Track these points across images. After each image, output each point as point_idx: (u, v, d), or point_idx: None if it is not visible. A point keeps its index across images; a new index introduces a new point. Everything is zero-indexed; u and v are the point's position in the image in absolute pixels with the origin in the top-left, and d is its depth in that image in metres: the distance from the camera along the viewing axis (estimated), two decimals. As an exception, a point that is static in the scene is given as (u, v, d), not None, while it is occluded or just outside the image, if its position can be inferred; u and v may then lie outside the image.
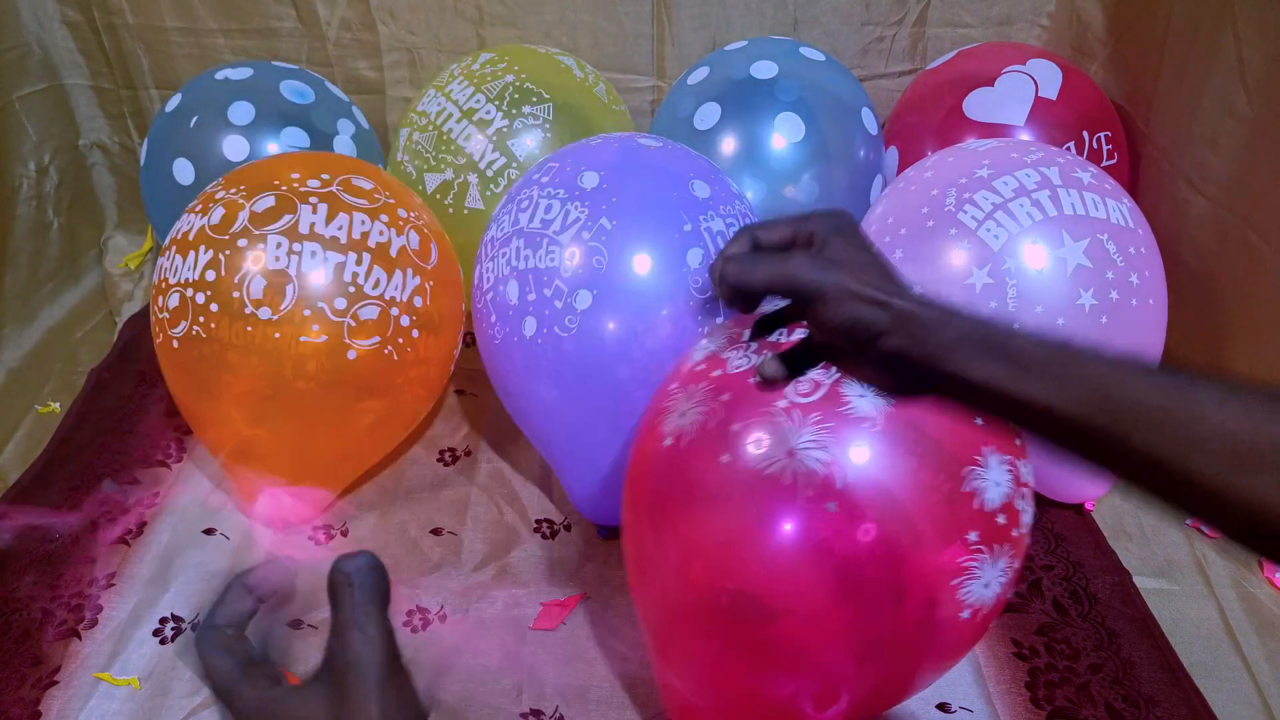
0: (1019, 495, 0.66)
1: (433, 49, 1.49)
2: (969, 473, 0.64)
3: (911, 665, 0.68)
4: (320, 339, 0.87)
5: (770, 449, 0.63)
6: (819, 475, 0.61)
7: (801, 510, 0.62)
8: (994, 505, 0.64)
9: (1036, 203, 0.90)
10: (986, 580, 0.64)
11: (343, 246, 0.88)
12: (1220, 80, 1.07)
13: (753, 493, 0.63)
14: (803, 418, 0.63)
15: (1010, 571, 0.66)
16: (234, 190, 0.92)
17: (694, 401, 0.69)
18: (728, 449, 0.65)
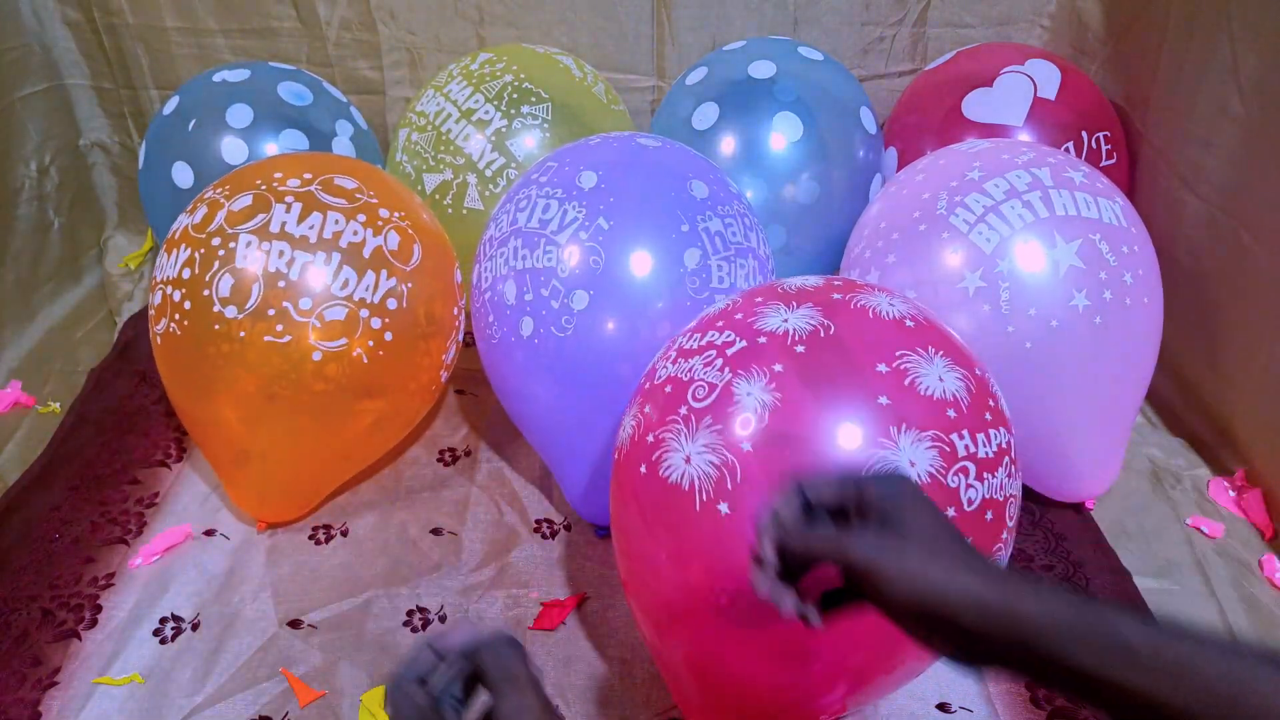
0: (954, 471, 0.61)
1: (433, 49, 1.49)
2: (872, 458, 0.60)
3: (865, 662, 0.66)
4: (284, 339, 0.87)
5: (670, 457, 0.65)
6: (713, 477, 0.62)
7: (699, 519, 0.63)
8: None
9: (1028, 204, 0.90)
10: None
11: (311, 246, 0.88)
12: (1215, 81, 1.07)
13: (657, 506, 0.65)
14: (696, 425, 0.64)
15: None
16: (221, 190, 0.92)
17: (630, 412, 0.72)
18: (644, 460, 0.67)
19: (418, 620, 0.90)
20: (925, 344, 0.65)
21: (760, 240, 0.94)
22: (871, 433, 0.60)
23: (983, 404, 0.65)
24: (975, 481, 0.62)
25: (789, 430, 0.61)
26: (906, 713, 0.81)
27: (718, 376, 0.64)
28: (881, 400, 0.61)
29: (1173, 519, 1.02)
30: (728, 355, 0.65)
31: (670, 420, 0.65)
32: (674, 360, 0.70)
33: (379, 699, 0.82)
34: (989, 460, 0.63)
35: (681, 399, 0.65)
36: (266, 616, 0.90)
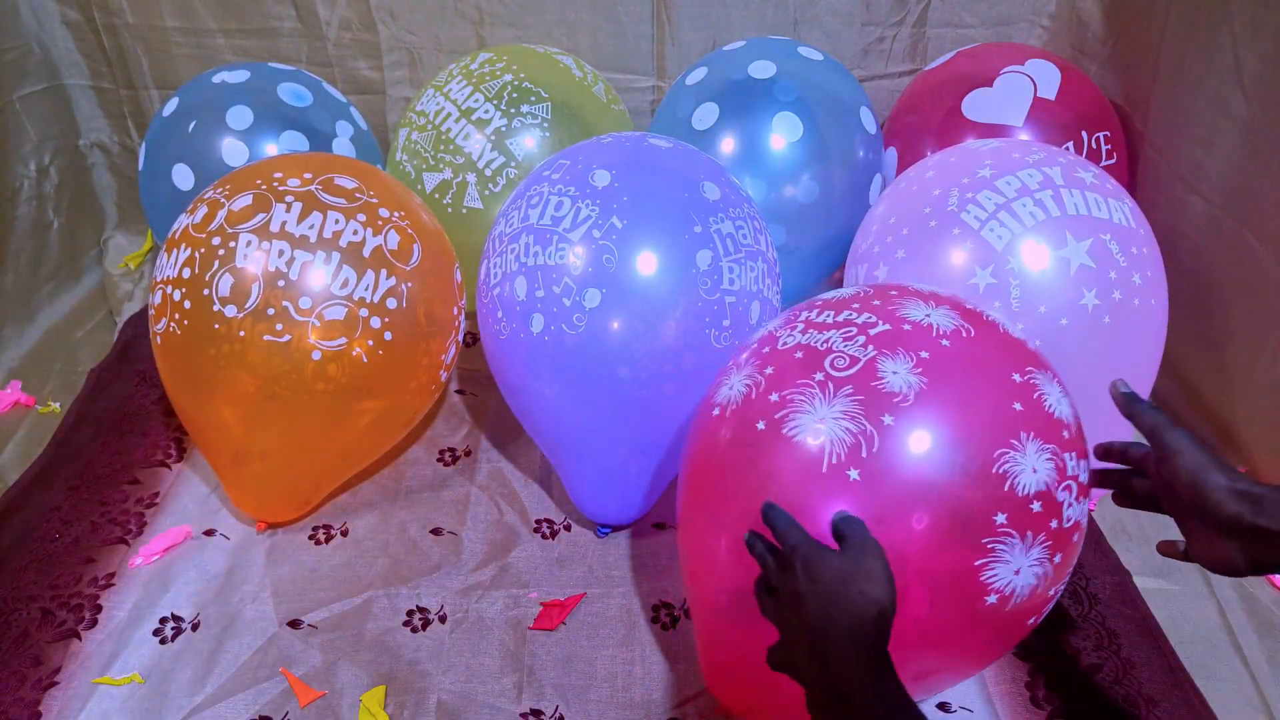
0: (1061, 487, 0.65)
1: (433, 49, 1.49)
2: (1001, 455, 0.63)
3: (936, 651, 0.67)
4: (284, 339, 0.87)
5: (799, 417, 0.66)
6: (847, 443, 0.63)
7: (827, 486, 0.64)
8: (1027, 491, 0.63)
9: (1039, 203, 0.90)
10: (1016, 566, 0.63)
11: (311, 246, 0.88)
12: (1217, 81, 1.07)
13: (773, 461, 0.66)
14: (835, 390, 0.65)
15: (1048, 565, 0.65)
16: (221, 190, 0.92)
17: (743, 373, 0.72)
18: (763, 417, 0.67)
19: (418, 620, 0.90)
20: (1045, 367, 0.70)
21: (768, 243, 0.95)
22: (1005, 433, 0.63)
23: (1080, 434, 0.69)
24: (1075, 501, 0.66)
25: (928, 416, 0.64)
26: (906, 713, 0.81)
27: (861, 351, 0.66)
28: (1016, 406, 0.65)
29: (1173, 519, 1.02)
30: (870, 334, 0.67)
31: (803, 384, 0.66)
32: (802, 331, 0.72)
33: (379, 699, 0.82)
34: (1083, 486, 0.68)
35: (817, 366, 0.67)
36: (266, 616, 0.90)
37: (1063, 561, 0.66)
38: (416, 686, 0.84)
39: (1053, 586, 0.67)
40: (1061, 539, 0.65)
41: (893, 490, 0.62)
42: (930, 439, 0.63)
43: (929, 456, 0.63)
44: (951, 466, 0.62)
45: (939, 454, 0.63)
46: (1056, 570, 0.66)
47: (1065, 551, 0.66)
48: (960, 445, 0.63)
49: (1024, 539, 0.63)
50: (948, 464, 0.62)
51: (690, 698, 0.83)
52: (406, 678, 0.85)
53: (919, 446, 0.62)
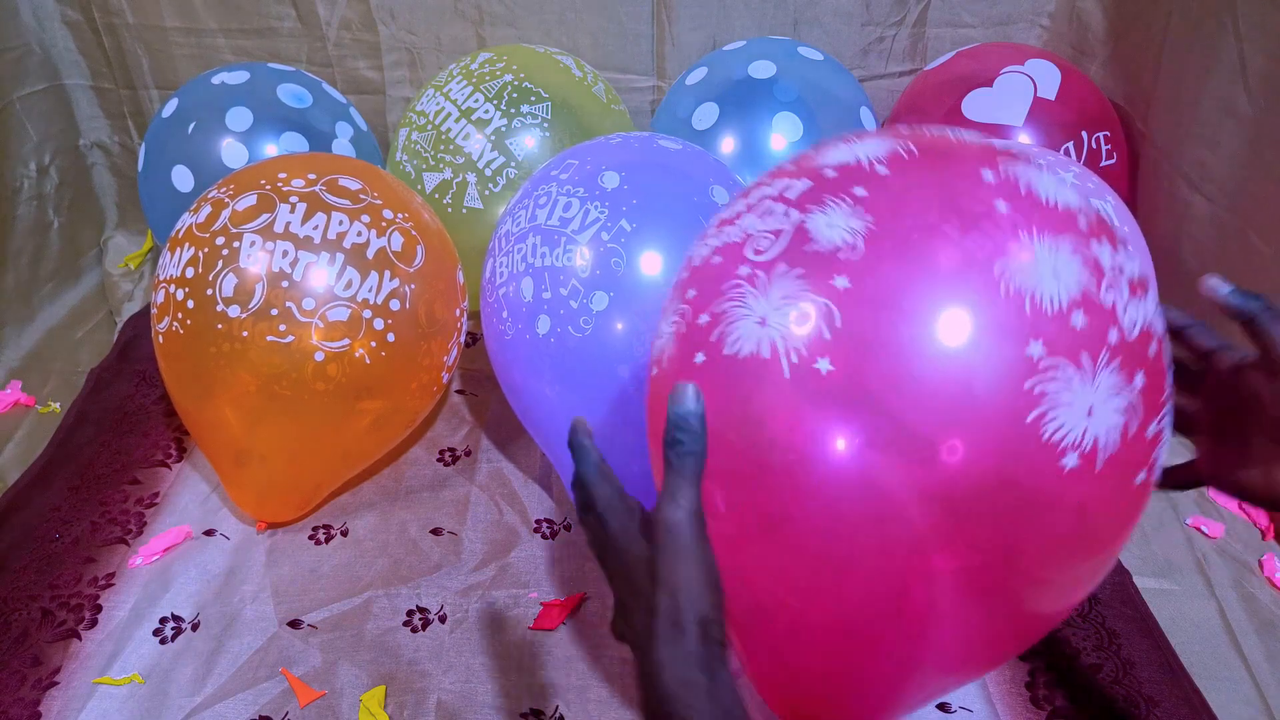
0: (1105, 286, 0.48)
1: (433, 49, 1.49)
2: (1002, 270, 0.47)
3: (1029, 548, 0.50)
4: (287, 339, 0.87)
5: (737, 326, 0.52)
6: (803, 335, 0.49)
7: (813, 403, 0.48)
8: (1057, 302, 0.47)
9: None
10: (1086, 404, 0.46)
11: (315, 247, 0.88)
12: (1221, 80, 1.07)
13: (739, 385, 0.51)
14: (767, 278, 0.51)
15: (1129, 392, 0.48)
16: (225, 189, 0.92)
17: (668, 314, 0.60)
18: (699, 347, 0.54)
19: (418, 620, 0.90)
20: (1027, 156, 0.53)
21: None
22: (998, 243, 0.48)
23: (1105, 221, 0.52)
24: (1134, 300, 0.49)
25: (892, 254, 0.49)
26: (907, 713, 0.81)
27: (783, 221, 0.52)
28: (1000, 206, 0.49)
29: (1173, 519, 1.02)
30: (789, 199, 0.53)
31: (729, 288, 0.53)
32: (715, 234, 0.58)
33: (379, 699, 0.82)
34: (1137, 282, 0.50)
35: (739, 260, 0.53)
36: (266, 616, 0.90)
37: (1149, 384, 0.49)
38: (416, 686, 0.84)
39: (1151, 421, 0.50)
40: (1133, 353, 0.48)
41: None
42: (912, 297, 0.48)
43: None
44: None
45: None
46: (1146, 398, 0.49)
47: (1147, 369, 0.49)
48: (942, 286, 0.48)
49: (1079, 364, 0.46)
50: None
51: (690, 698, 0.83)
52: (406, 678, 0.85)
53: (904, 303, 0.48)
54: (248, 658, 0.86)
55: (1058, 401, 0.46)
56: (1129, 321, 0.49)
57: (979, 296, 0.47)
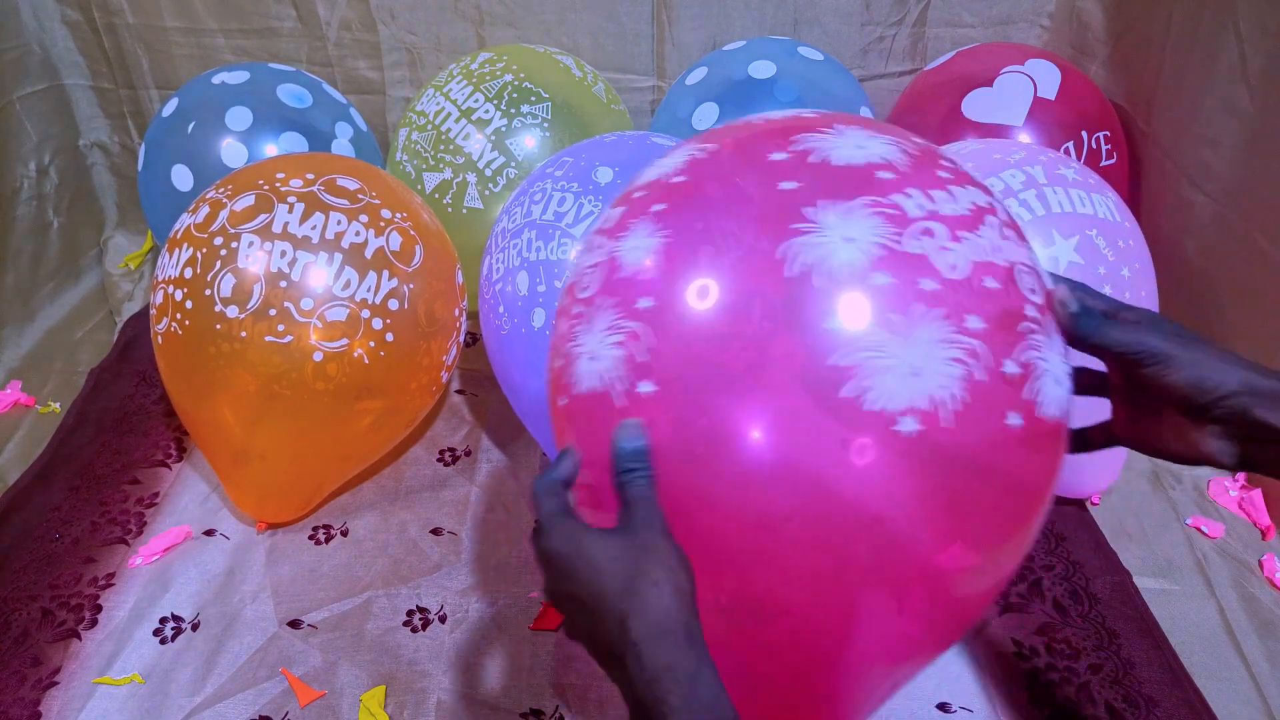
0: (914, 234, 0.47)
1: (433, 49, 1.49)
2: (786, 248, 0.46)
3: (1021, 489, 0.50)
4: (285, 340, 0.87)
5: (576, 367, 0.52)
6: (621, 358, 0.48)
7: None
8: (851, 267, 0.45)
9: (1024, 203, 0.90)
10: (908, 363, 0.44)
11: (314, 247, 0.88)
12: (1222, 80, 1.07)
13: (588, 423, 0.51)
14: (591, 313, 0.51)
15: (979, 334, 0.46)
16: (223, 189, 0.92)
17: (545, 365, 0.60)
18: (561, 392, 0.54)
19: (418, 620, 0.90)
20: (830, 123, 0.52)
21: None
22: (783, 219, 0.47)
23: (931, 163, 0.51)
24: (951, 243, 0.47)
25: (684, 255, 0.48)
26: (906, 712, 0.81)
27: (600, 255, 0.53)
28: (786, 186, 0.48)
29: (1173, 519, 1.02)
30: (608, 230, 0.54)
31: (568, 328, 0.53)
32: (567, 279, 0.59)
33: (379, 699, 0.82)
34: (965, 218, 0.49)
35: (572, 300, 0.54)
36: (266, 616, 0.90)
37: (994, 321, 0.46)
38: (416, 686, 0.84)
39: (1006, 359, 0.46)
40: (960, 294, 0.46)
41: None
42: (702, 288, 0.47)
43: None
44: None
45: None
46: (992, 336, 0.46)
47: (984, 307, 0.47)
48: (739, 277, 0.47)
49: (888, 325, 0.44)
50: None
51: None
52: (406, 678, 0.85)
53: (698, 301, 0.47)
54: (248, 658, 0.86)
55: (872, 369, 0.44)
56: (948, 264, 0.46)
57: (770, 281, 0.46)
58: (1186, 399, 0.48)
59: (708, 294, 0.47)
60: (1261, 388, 0.47)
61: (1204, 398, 0.48)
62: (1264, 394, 0.46)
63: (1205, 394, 0.47)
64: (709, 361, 0.46)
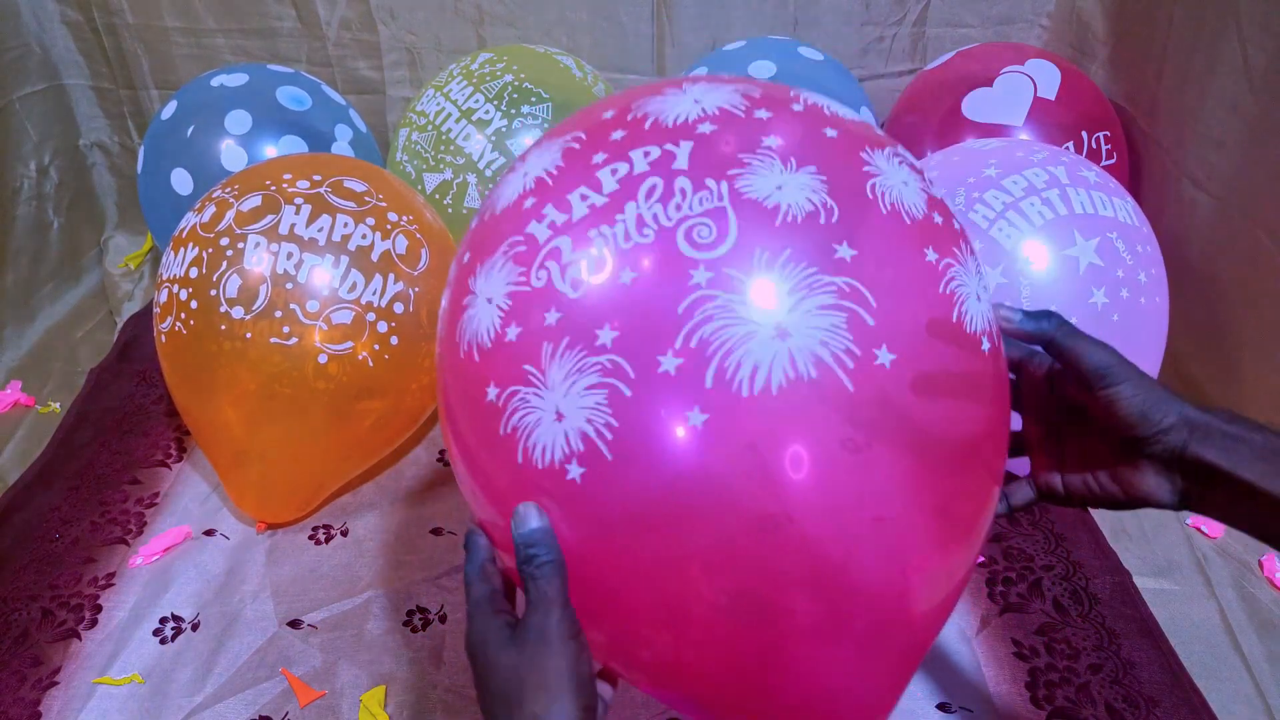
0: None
1: (433, 49, 1.49)
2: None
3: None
4: (290, 341, 0.87)
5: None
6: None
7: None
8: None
9: (1047, 201, 0.90)
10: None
11: (320, 249, 0.88)
12: (1224, 79, 1.07)
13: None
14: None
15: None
16: (230, 189, 0.92)
17: None
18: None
19: (418, 620, 0.90)
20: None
21: None
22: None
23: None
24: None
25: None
26: (906, 712, 0.81)
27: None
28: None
29: (1173, 519, 1.02)
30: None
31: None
32: None
33: (379, 699, 0.82)
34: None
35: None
36: (266, 616, 0.90)
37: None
38: (416, 686, 0.84)
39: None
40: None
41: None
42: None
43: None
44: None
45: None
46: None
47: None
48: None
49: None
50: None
51: (690, 698, 0.83)
52: (406, 678, 0.85)
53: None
54: (248, 658, 0.86)
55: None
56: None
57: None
58: (1131, 428, 0.47)
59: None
60: (1198, 422, 0.46)
61: (1147, 429, 0.47)
62: (1200, 429, 0.46)
63: (1149, 425, 0.47)
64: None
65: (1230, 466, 0.45)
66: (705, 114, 0.48)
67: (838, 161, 0.47)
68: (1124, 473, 0.50)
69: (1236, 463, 0.45)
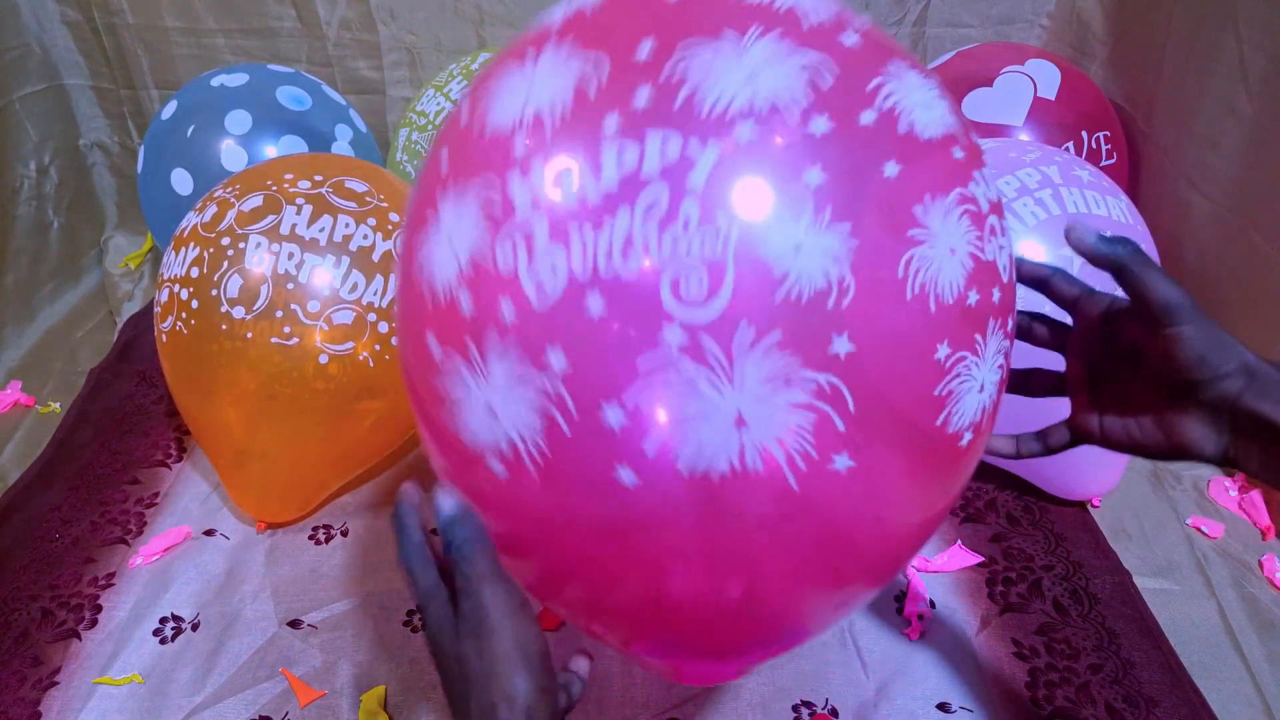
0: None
1: (433, 49, 1.49)
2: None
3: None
4: (291, 341, 0.87)
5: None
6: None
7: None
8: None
9: (1040, 201, 0.90)
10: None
11: (321, 249, 0.88)
12: (1222, 80, 1.07)
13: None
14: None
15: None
16: (231, 189, 0.92)
17: None
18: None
19: (418, 620, 0.90)
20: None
21: None
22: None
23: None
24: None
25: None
26: (906, 712, 0.81)
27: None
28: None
29: (1173, 519, 1.02)
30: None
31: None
32: None
33: (379, 699, 0.82)
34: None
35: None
36: (266, 616, 0.90)
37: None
38: (416, 686, 0.84)
39: None
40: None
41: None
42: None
43: None
44: None
45: None
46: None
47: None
48: None
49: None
50: None
51: (691, 697, 0.83)
52: (406, 678, 0.85)
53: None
54: (248, 658, 0.86)
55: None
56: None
57: None
58: (1187, 372, 0.44)
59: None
60: (1259, 372, 0.44)
61: (1204, 373, 0.44)
62: (1261, 380, 0.43)
63: (1206, 369, 0.44)
64: None
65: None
66: (752, 107, 0.39)
67: (880, 220, 0.39)
68: (1170, 419, 0.47)
69: None
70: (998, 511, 1.02)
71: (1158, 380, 0.47)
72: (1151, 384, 0.48)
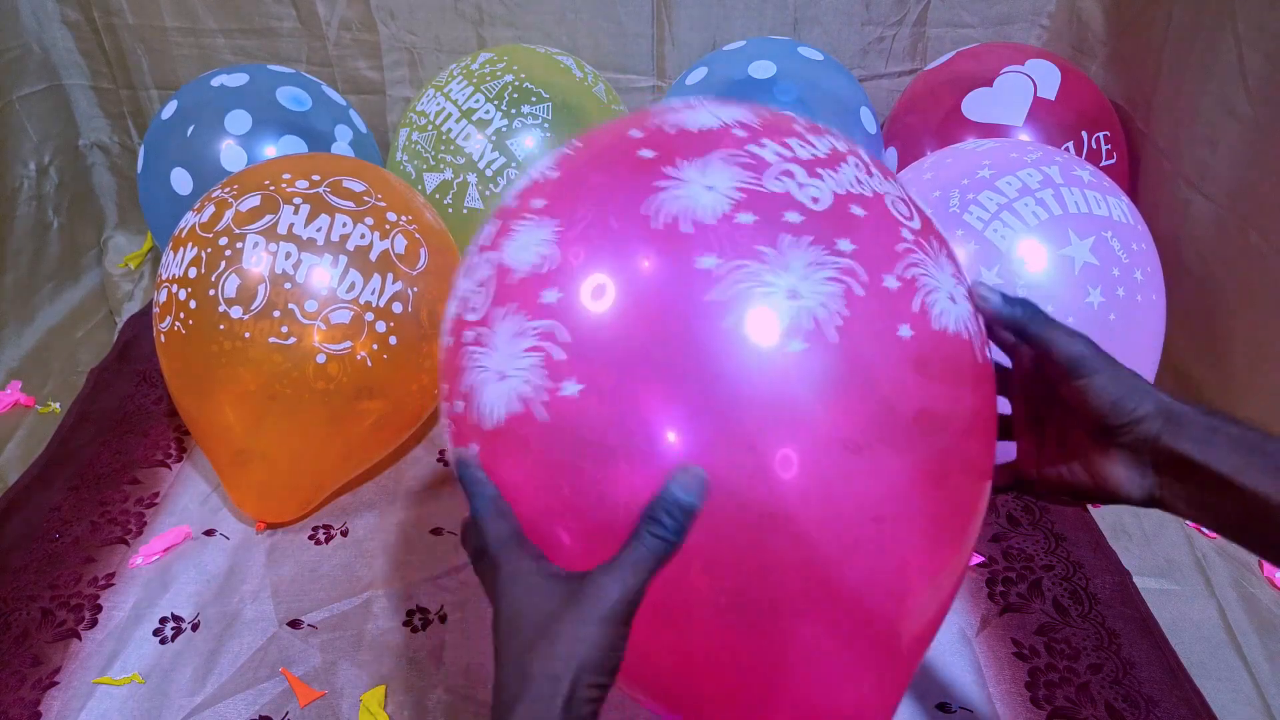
0: (774, 175, 0.48)
1: (433, 49, 1.49)
2: (650, 203, 0.46)
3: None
4: (289, 341, 0.87)
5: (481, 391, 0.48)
6: (540, 367, 0.45)
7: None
8: (717, 211, 0.46)
9: (1041, 202, 0.91)
10: (786, 286, 0.45)
11: (319, 249, 0.88)
12: (1221, 81, 1.07)
13: (510, 457, 0.48)
14: (490, 331, 0.48)
15: (855, 255, 0.47)
16: (229, 189, 0.92)
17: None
18: (468, 435, 0.50)
19: (418, 620, 0.90)
20: (682, 106, 0.54)
21: None
22: (646, 183, 0.48)
23: (786, 122, 0.53)
24: (819, 176, 0.49)
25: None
26: (906, 713, 0.81)
27: (485, 269, 0.50)
28: (645, 153, 0.49)
29: (1173, 519, 1.02)
30: (487, 245, 0.52)
31: (464, 360, 0.49)
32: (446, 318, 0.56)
33: (379, 699, 0.82)
34: (824, 159, 0.50)
35: (459, 330, 0.51)
36: (266, 616, 0.90)
37: (868, 239, 0.47)
38: (416, 686, 0.84)
39: (887, 274, 0.47)
40: (828, 222, 0.47)
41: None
42: (599, 286, 0.46)
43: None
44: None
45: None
46: (869, 253, 0.47)
47: (855, 230, 0.47)
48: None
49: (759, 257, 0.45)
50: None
51: (690, 698, 0.83)
52: (406, 678, 0.85)
53: (595, 304, 0.45)
54: (248, 658, 0.86)
55: (749, 295, 0.44)
56: (809, 196, 0.47)
57: (641, 233, 0.46)
58: (1103, 418, 0.47)
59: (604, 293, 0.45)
60: (1175, 413, 0.45)
61: (1120, 418, 0.46)
62: (1178, 420, 0.45)
63: (1122, 414, 0.46)
64: (627, 341, 0.44)
65: (1204, 458, 0.44)
66: None
67: None
68: (1096, 461, 0.49)
69: (1211, 454, 0.44)
70: (998, 511, 1.02)
71: (1083, 424, 0.49)
72: (1079, 428, 0.49)
